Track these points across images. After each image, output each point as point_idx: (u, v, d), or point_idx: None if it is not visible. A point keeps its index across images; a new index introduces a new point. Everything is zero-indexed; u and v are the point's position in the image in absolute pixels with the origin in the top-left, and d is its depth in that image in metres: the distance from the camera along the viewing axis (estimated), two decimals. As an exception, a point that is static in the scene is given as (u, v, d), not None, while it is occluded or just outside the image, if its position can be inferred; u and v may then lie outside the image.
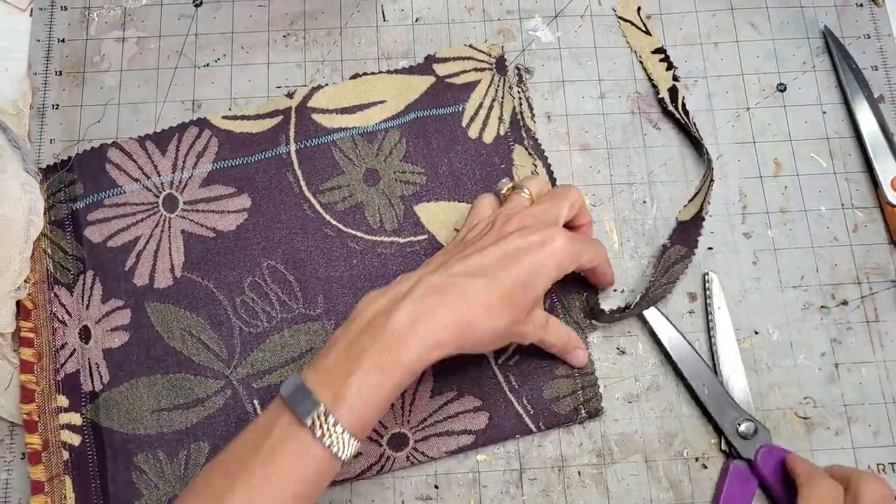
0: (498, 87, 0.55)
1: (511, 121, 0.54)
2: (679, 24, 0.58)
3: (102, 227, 0.51)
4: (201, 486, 0.37)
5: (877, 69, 0.56)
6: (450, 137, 0.53)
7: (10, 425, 0.49)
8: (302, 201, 0.52)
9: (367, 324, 0.39)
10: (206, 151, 0.53)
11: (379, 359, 0.37)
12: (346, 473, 0.47)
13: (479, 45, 0.56)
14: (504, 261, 0.41)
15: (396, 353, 0.37)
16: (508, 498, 0.48)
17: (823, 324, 0.51)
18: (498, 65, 0.55)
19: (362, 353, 0.37)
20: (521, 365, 0.49)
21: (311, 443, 0.36)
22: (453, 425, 0.48)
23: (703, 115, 0.55)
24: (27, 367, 0.49)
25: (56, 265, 0.50)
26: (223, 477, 0.36)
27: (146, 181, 0.52)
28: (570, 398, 0.49)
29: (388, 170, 0.53)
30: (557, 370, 0.49)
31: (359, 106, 0.54)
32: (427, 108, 0.54)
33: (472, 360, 0.49)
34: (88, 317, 0.50)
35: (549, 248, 0.42)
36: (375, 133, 0.53)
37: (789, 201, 0.54)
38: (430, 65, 0.55)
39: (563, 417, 0.48)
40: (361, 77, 0.55)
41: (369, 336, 0.38)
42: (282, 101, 0.54)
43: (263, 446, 0.36)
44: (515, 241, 0.42)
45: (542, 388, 0.49)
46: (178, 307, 0.50)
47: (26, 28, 0.57)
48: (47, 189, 0.52)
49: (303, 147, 0.53)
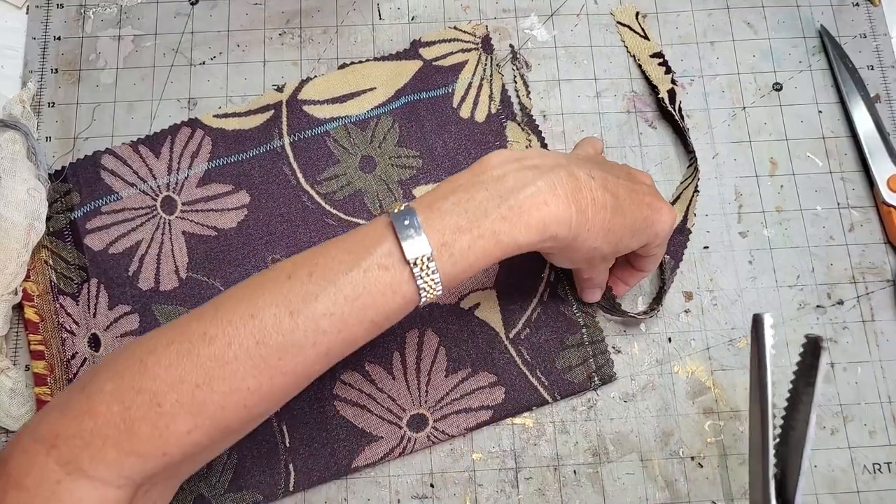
0: (485, 66, 0.55)
1: (501, 98, 0.54)
2: (675, 23, 0.58)
3: (102, 234, 0.51)
4: (284, 276, 0.35)
5: (873, 68, 0.56)
6: (442, 119, 0.54)
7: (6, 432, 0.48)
8: (301, 193, 0.52)
9: (495, 182, 0.37)
10: (200, 151, 0.53)
11: (497, 227, 0.36)
12: (369, 458, 0.47)
13: (463, 26, 0.56)
14: (634, 199, 0.41)
15: (516, 228, 0.36)
16: (504, 497, 0.48)
17: (819, 323, 0.51)
18: (484, 44, 0.56)
19: (483, 214, 0.36)
20: (531, 338, 0.50)
21: (405, 281, 0.35)
22: (471, 402, 0.49)
23: (700, 114, 0.55)
24: (41, 379, 0.49)
25: (59, 276, 0.50)
26: (308, 278, 0.35)
27: (142, 185, 0.52)
28: (583, 367, 0.49)
29: (384, 155, 0.53)
30: (566, 340, 0.50)
31: (349, 95, 0.54)
32: (417, 91, 0.54)
33: (483, 337, 0.50)
34: (96, 325, 0.49)
35: (662, 217, 0.42)
36: (368, 120, 0.54)
37: (785, 201, 0.54)
38: (416, 49, 0.55)
39: (578, 386, 0.49)
40: (349, 66, 0.55)
41: (495, 197, 0.36)
42: (272, 96, 0.54)
43: (359, 266, 0.34)
44: (647, 193, 0.42)
45: (554, 359, 0.49)
46: (186, 308, 0.50)
47: (22, 26, 0.57)
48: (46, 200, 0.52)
49: (296, 139, 0.53)
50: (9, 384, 0.48)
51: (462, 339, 0.50)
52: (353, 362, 0.49)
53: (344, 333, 0.34)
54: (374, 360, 0.49)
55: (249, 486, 0.47)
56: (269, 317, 0.34)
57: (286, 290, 0.34)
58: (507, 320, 0.50)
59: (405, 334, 0.50)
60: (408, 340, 0.50)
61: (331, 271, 0.35)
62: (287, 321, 0.34)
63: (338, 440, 0.48)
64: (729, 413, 0.49)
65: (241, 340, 0.33)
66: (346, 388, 0.49)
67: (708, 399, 0.50)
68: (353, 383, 0.49)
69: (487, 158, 0.39)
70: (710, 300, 0.52)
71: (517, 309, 0.50)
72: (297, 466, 0.47)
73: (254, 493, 0.47)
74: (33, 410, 0.48)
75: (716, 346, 0.51)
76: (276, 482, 0.47)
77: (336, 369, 0.49)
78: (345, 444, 0.48)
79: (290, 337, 0.34)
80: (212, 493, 0.46)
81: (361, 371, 0.49)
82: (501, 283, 0.51)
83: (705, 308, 0.52)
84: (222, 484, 0.47)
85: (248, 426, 0.37)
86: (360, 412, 0.48)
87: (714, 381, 0.50)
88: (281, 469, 0.47)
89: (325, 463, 0.47)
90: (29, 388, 0.49)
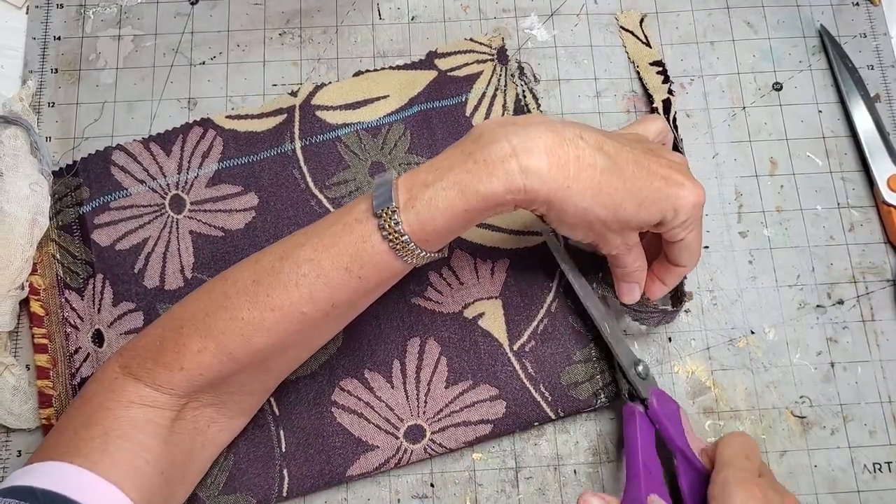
0: (500, 76, 0.55)
1: (515, 108, 0.54)
2: (675, 22, 0.58)
3: (110, 230, 0.51)
4: (289, 239, 0.42)
5: (873, 68, 0.56)
6: (454, 127, 0.53)
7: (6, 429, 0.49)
8: (309, 197, 0.52)
9: (471, 142, 0.39)
10: (211, 151, 0.53)
11: (460, 179, 0.37)
12: (364, 468, 0.47)
13: (480, 38, 0.56)
14: (642, 167, 0.39)
15: (478, 179, 0.37)
16: (504, 496, 0.48)
17: (819, 323, 0.51)
18: (499, 55, 0.55)
19: (449, 169, 0.38)
20: (536, 351, 0.49)
21: (373, 231, 0.39)
22: (470, 415, 0.48)
23: (700, 113, 0.55)
24: (43, 373, 0.49)
25: (66, 270, 0.50)
26: (302, 235, 0.41)
27: (152, 182, 0.52)
28: (588, 384, 0.48)
29: (394, 162, 0.53)
30: (574, 356, 0.49)
31: (362, 102, 0.54)
32: (430, 100, 0.54)
33: (486, 348, 0.49)
34: (100, 320, 0.49)
35: (681, 192, 0.40)
36: (380, 127, 0.53)
37: (785, 200, 0.54)
38: (431, 60, 0.55)
39: (582, 403, 0.48)
40: (364, 74, 0.55)
41: (465, 154, 0.38)
42: (285, 100, 0.54)
43: (339, 221, 0.40)
44: (667, 167, 0.40)
45: (559, 374, 0.48)
46: None
47: (22, 26, 0.57)
48: (54, 194, 0.52)
49: (308, 144, 0.53)
50: (12, 381, 0.48)
51: (464, 350, 0.49)
52: (353, 369, 0.49)
53: (322, 278, 0.39)
54: (373, 367, 0.49)
55: (243, 488, 0.47)
56: (266, 261, 0.41)
57: (285, 242, 0.42)
58: (512, 332, 0.49)
59: (406, 342, 0.49)
60: (409, 349, 0.49)
61: (319, 227, 0.41)
62: (277, 264, 0.40)
63: (333, 448, 0.47)
64: (729, 413, 0.49)
65: (243, 280, 0.41)
66: (344, 394, 0.48)
67: (708, 399, 0.50)
68: (351, 390, 0.48)
69: (477, 125, 0.40)
70: (710, 300, 0.52)
71: (523, 320, 0.50)
72: (292, 472, 0.47)
73: (247, 497, 0.46)
74: (35, 408, 0.48)
75: (716, 346, 0.51)
76: (269, 487, 0.47)
77: (336, 375, 0.49)
78: (340, 452, 0.47)
79: (278, 277, 0.40)
80: (206, 494, 0.46)
81: (360, 378, 0.49)
82: (508, 292, 0.50)
83: (705, 308, 0.52)
84: (217, 485, 0.47)
85: (252, 360, 0.41)
86: (357, 420, 0.48)
87: (714, 381, 0.50)
88: (275, 474, 0.47)
89: (319, 470, 0.47)
90: (31, 386, 0.49)
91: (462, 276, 0.50)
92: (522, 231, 0.51)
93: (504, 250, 0.51)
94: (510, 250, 0.51)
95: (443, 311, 0.50)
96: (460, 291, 0.50)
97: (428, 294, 0.50)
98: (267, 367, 0.43)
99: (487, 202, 0.37)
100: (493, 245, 0.51)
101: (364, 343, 0.49)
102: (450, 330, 0.49)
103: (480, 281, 0.50)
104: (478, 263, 0.51)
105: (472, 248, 0.51)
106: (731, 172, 0.54)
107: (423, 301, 0.50)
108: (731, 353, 0.51)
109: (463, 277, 0.50)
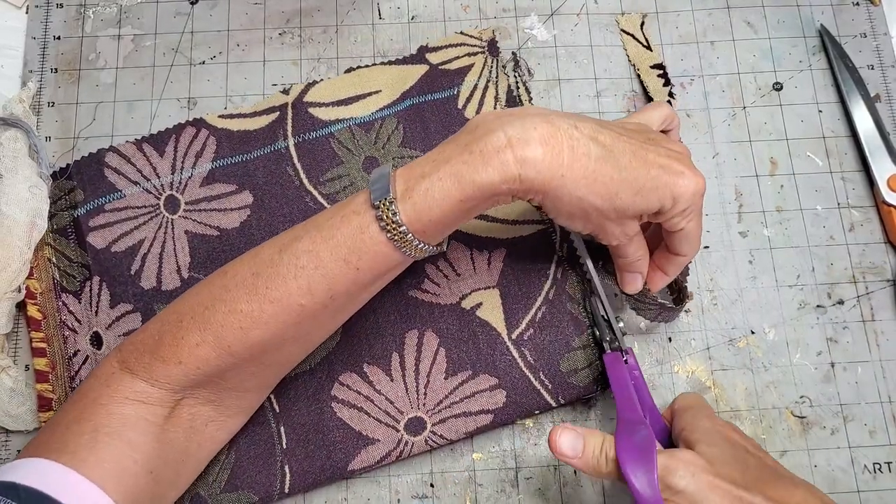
0: (491, 68, 0.55)
1: (507, 99, 0.54)
2: (675, 22, 0.58)
3: (105, 232, 0.51)
4: (288, 232, 0.42)
5: (873, 68, 0.56)
6: (446, 119, 0.53)
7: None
8: (304, 194, 0.52)
9: (467, 134, 0.39)
10: (204, 151, 0.53)
11: (457, 169, 0.38)
12: (365, 462, 0.47)
13: (470, 31, 0.56)
14: (639, 156, 0.39)
15: (474, 169, 0.38)
16: (504, 497, 0.48)
17: (819, 323, 0.51)
18: (490, 47, 0.55)
19: (446, 160, 0.39)
20: (534, 339, 0.49)
21: (371, 222, 0.39)
22: (470, 406, 0.48)
23: (700, 113, 0.55)
24: (42, 376, 0.49)
25: (62, 273, 0.50)
26: (301, 229, 0.42)
27: (146, 184, 0.52)
28: (588, 370, 0.49)
29: (387, 156, 0.53)
30: (573, 342, 0.49)
31: (354, 97, 0.54)
32: (422, 94, 0.54)
33: (485, 338, 0.49)
34: (98, 323, 0.49)
35: (680, 180, 0.40)
36: (372, 122, 0.53)
37: (785, 200, 0.54)
38: (422, 54, 0.55)
39: (583, 390, 0.48)
40: (356, 70, 0.55)
41: (461, 145, 0.39)
42: (278, 98, 0.54)
43: (337, 214, 0.40)
44: (665, 155, 0.40)
45: (558, 362, 0.49)
46: None
47: (22, 25, 0.57)
48: (49, 197, 0.52)
49: (301, 141, 0.53)
50: (9, 383, 0.48)
51: (462, 340, 0.49)
52: (352, 363, 0.49)
53: (321, 269, 0.39)
54: (372, 361, 0.49)
55: (245, 486, 0.47)
56: (265, 254, 0.41)
57: (284, 235, 0.42)
58: (510, 320, 0.50)
59: (404, 335, 0.49)
60: (407, 341, 0.49)
61: (317, 219, 0.41)
62: (276, 257, 0.40)
63: (334, 443, 0.47)
64: (729, 413, 0.49)
65: (242, 273, 0.41)
66: (344, 389, 0.48)
67: (708, 399, 0.50)
68: (350, 385, 0.48)
69: (474, 117, 0.41)
70: (710, 300, 0.52)
71: (521, 308, 0.50)
72: (293, 468, 0.47)
73: (249, 494, 0.47)
74: (33, 409, 0.48)
75: (716, 346, 0.51)
76: (271, 483, 0.47)
77: (335, 370, 0.49)
78: (341, 446, 0.47)
79: (277, 269, 0.40)
80: (208, 492, 0.46)
81: (360, 372, 0.49)
82: (505, 281, 0.50)
83: (705, 308, 0.52)
84: (219, 483, 0.47)
85: (250, 353, 0.41)
86: (357, 414, 0.48)
87: (714, 381, 0.50)
88: (276, 471, 0.47)
89: (320, 466, 0.47)
90: (29, 388, 0.49)
91: (459, 266, 0.51)
92: (518, 220, 0.51)
93: (500, 240, 0.51)
94: (506, 240, 0.51)
95: (440, 302, 0.50)
96: (457, 282, 0.50)
97: (425, 286, 0.50)
98: (265, 362, 0.43)
99: (484, 192, 0.38)
100: (489, 235, 0.51)
101: (362, 337, 0.49)
102: (448, 321, 0.50)
103: (477, 271, 0.50)
104: (474, 254, 0.51)
105: (469, 238, 0.51)
106: (731, 172, 0.54)
107: (420, 293, 0.50)
108: (731, 353, 0.51)
109: (460, 268, 0.51)
